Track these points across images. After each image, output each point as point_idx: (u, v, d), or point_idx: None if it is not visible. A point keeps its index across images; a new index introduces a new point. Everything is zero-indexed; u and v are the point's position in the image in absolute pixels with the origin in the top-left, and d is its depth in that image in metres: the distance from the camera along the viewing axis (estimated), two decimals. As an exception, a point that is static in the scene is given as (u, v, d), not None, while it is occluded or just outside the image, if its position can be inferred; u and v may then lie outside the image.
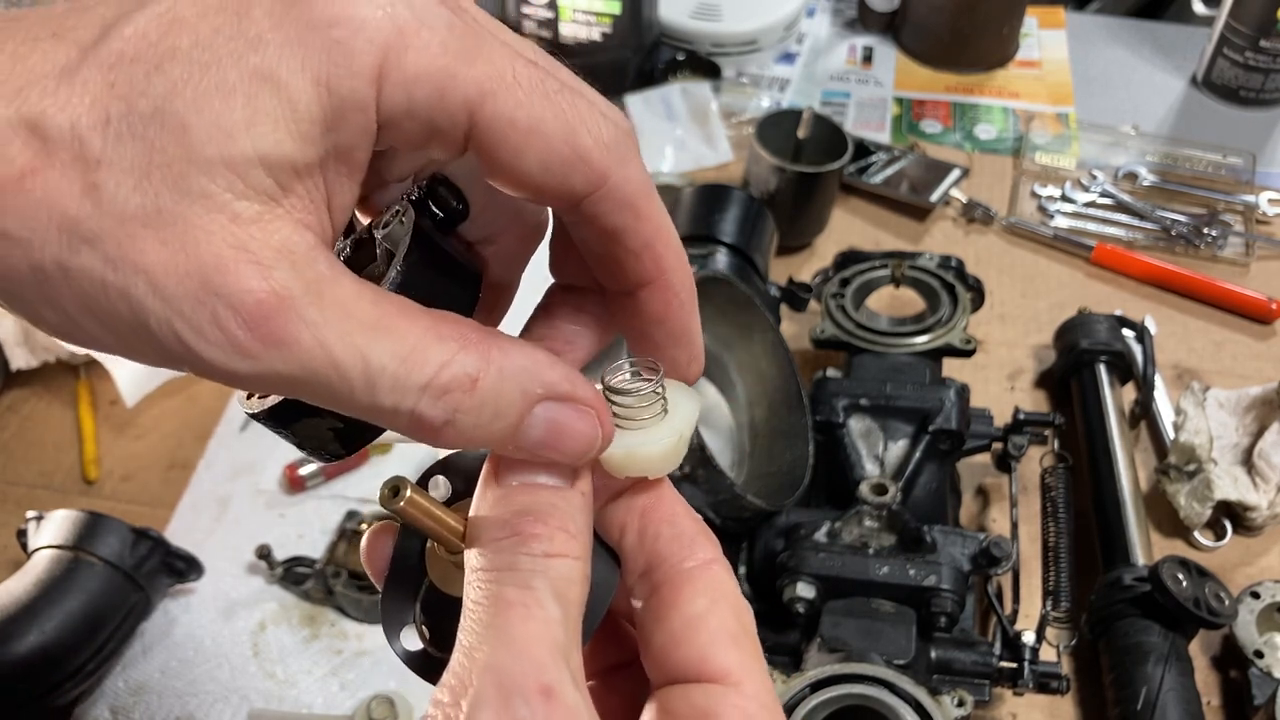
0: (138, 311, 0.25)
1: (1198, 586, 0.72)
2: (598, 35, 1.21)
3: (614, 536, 0.32)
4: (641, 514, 0.31)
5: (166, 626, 0.81)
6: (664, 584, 0.30)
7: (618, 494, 0.32)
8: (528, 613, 0.27)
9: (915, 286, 0.95)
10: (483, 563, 0.28)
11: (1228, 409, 0.90)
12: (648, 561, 0.31)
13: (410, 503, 0.29)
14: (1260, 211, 1.13)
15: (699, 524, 0.32)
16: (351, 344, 0.26)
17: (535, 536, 0.28)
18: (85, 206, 0.25)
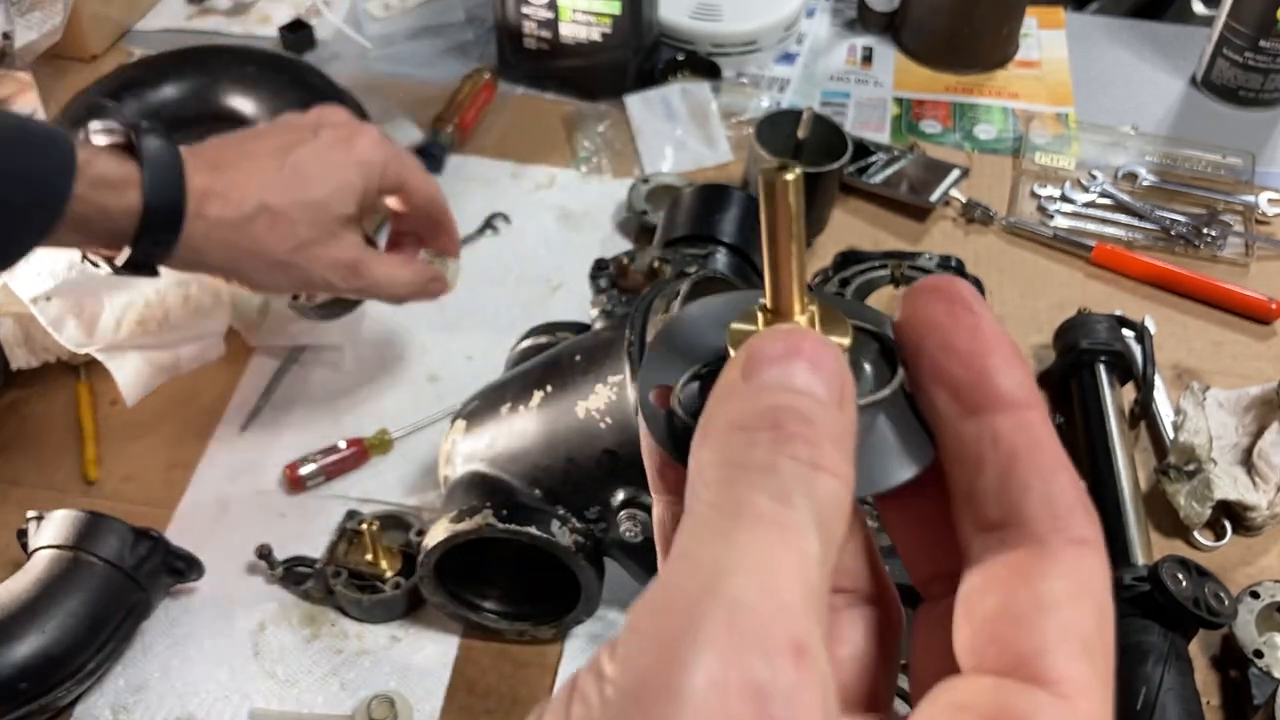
0: (314, 281, 0.75)
1: (1197, 586, 0.72)
2: (597, 35, 1.21)
3: (965, 469, 0.25)
4: (1010, 453, 0.24)
5: (167, 626, 0.81)
6: (1014, 549, 0.24)
7: (976, 408, 0.24)
8: (782, 536, 0.20)
9: (915, 286, 0.95)
10: (725, 452, 0.22)
11: (1227, 409, 0.91)
12: (1003, 514, 0.24)
13: (793, 188, 0.23)
14: (1260, 211, 1.13)
15: (1081, 492, 0.25)
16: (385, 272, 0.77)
17: (800, 437, 0.22)
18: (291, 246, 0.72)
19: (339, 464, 0.89)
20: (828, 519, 0.21)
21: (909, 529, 0.28)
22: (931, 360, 0.25)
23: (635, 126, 1.22)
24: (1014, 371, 0.25)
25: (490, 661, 0.80)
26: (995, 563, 0.24)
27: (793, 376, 0.23)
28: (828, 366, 0.23)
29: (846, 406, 0.23)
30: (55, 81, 1.26)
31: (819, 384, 0.23)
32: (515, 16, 1.23)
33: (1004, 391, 0.24)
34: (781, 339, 0.23)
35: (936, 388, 0.25)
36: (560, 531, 0.71)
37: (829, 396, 0.23)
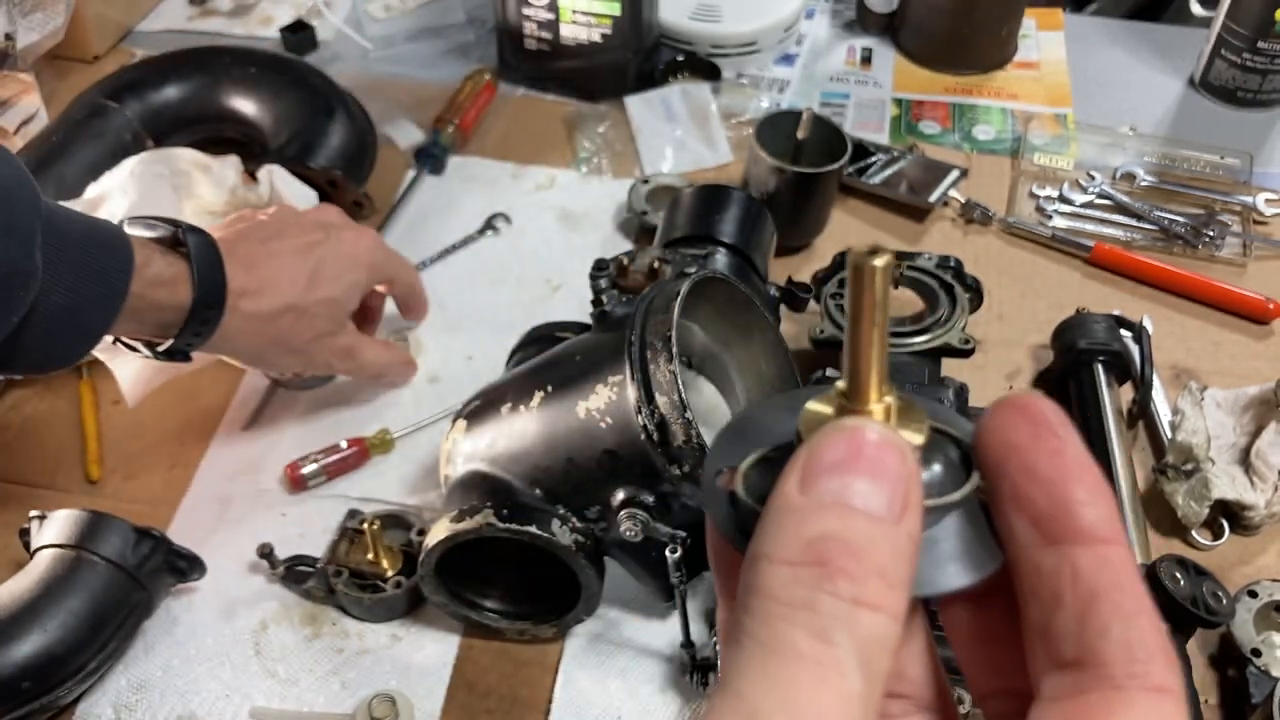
0: (319, 364, 0.84)
1: (1195, 585, 0.73)
2: (597, 36, 1.21)
3: (1041, 602, 0.24)
4: (1090, 592, 0.23)
5: (169, 625, 0.81)
6: (1089, 692, 0.23)
7: (1056, 539, 0.24)
8: (822, 675, 0.21)
9: (914, 287, 0.95)
10: (768, 586, 0.22)
11: (1225, 409, 0.91)
12: (1079, 654, 0.23)
13: (882, 274, 0.23)
14: (1258, 212, 1.13)
15: (1162, 637, 0.24)
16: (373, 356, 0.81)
17: (844, 573, 0.22)
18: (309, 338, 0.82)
19: (340, 463, 0.90)
20: (871, 656, 0.22)
21: (972, 643, 0.28)
22: (1012, 483, 0.24)
23: (635, 127, 1.22)
24: (1098, 504, 0.24)
25: (491, 661, 0.80)
26: (1068, 704, 0.23)
27: (850, 491, 0.23)
28: (890, 472, 0.23)
29: (907, 519, 0.23)
30: (57, 82, 1.26)
31: (878, 497, 0.23)
32: (516, 17, 1.23)
33: (1087, 525, 0.24)
34: (845, 439, 0.23)
35: (1016, 513, 0.24)
36: (560, 531, 0.71)
37: (888, 511, 0.23)
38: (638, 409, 0.68)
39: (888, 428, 0.24)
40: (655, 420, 0.67)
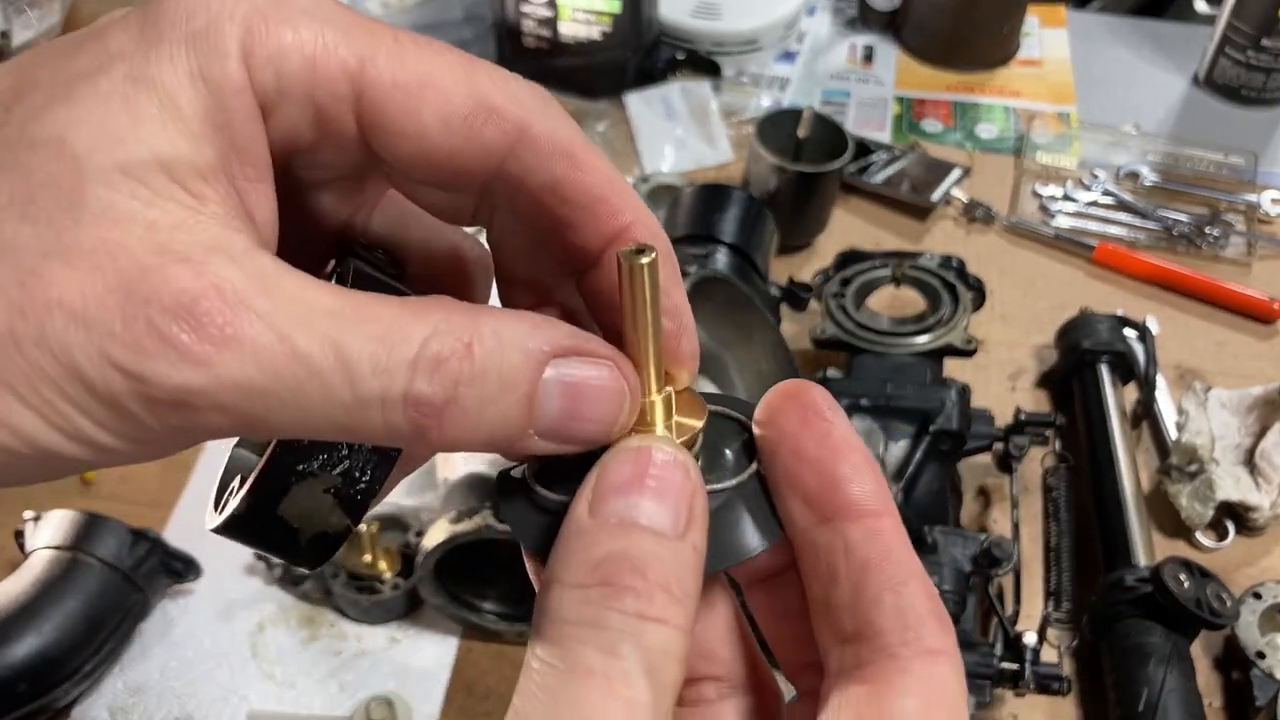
0: (61, 352, 0.20)
1: (1199, 587, 0.72)
2: (597, 34, 1.21)
3: (820, 578, 0.26)
4: (861, 564, 0.25)
5: (165, 627, 0.81)
6: (869, 664, 0.24)
7: (828, 516, 0.25)
8: (609, 689, 0.22)
9: (916, 286, 0.95)
10: (559, 610, 0.23)
11: (1230, 409, 0.90)
12: (857, 626, 0.25)
13: (650, 270, 0.24)
14: (1262, 211, 1.13)
15: (933, 600, 0.25)
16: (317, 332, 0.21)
17: (630, 590, 0.23)
18: None
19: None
20: (658, 665, 0.22)
21: (774, 621, 0.29)
22: (785, 466, 0.26)
23: (635, 125, 1.22)
24: (864, 479, 0.25)
25: (489, 663, 0.80)
26: (851, 678, 0.24)
27: (637, 510, 0.24)
28: (674, 488, 0.24)
29: (691, 533, 0.24)
30: (54, 80, 1.25)
31: (662, 514, 0.24)
32: (514, 15, 1.22)
33: (855, 499, 0.25)
34: (632, 459, 0.24)
35: (791, 494, 0.26)
36: (560, 532, 0.71)
37: (672, 526, 0.24)
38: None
39: (673, 445, 0.25)
40: (655, 421, 0.67)
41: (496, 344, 0.23)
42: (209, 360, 0.21)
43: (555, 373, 0.24)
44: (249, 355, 0.21)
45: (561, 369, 0.24)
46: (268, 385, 0.21)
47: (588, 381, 0.24)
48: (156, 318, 0.21)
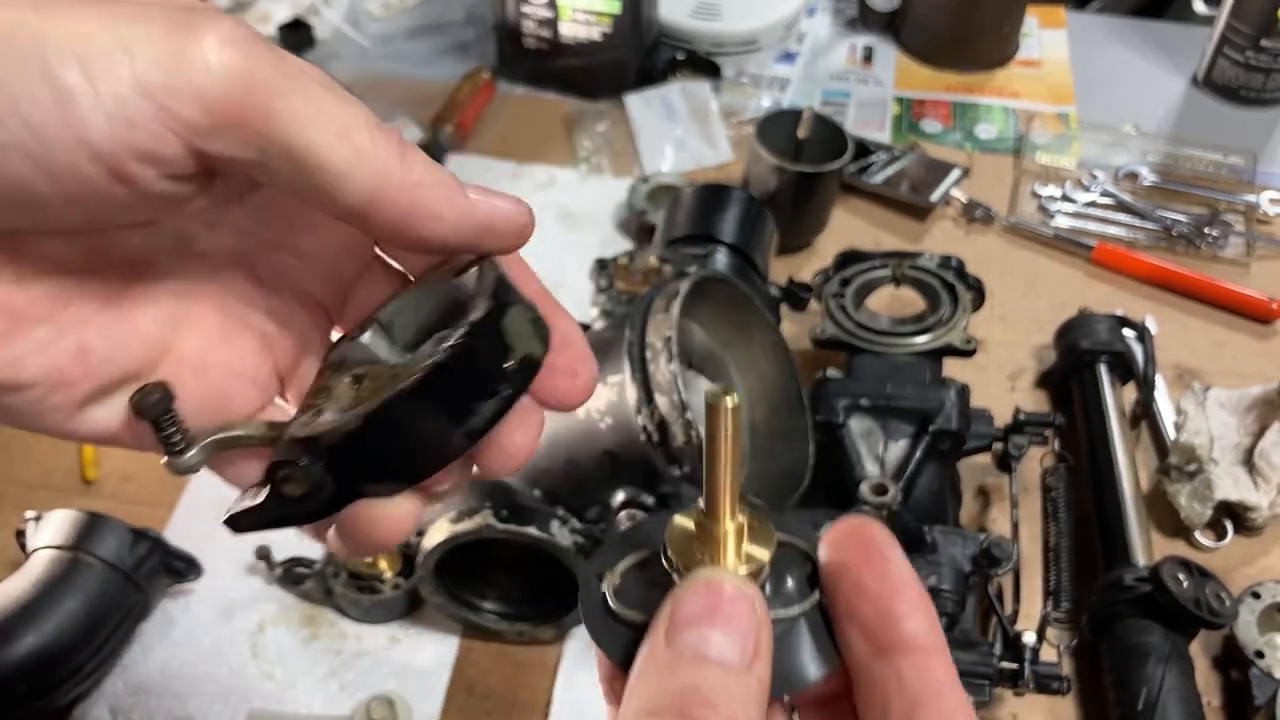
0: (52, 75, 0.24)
1: (1198, 587, 0.72)
2: (597, 35, 1.21)
3: (874, 707, 0.28)
4: (914, 700, 0.27)
5: (165, 627, 0.81)
6: None
7: (884, 649, 0.27)
8: None
9: (915, 286, 0.95)
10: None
11: (1229, 409, 0.90)
12: None
13: (735, 414, 0.26)
14: (1261, 211, 1.13)
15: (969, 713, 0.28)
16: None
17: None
18: None
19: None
20: None
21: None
22: (845, 598, 0.28)
23: (635, 126, 1.22)
24: (918, 616, 0.27)
25: (490, 662, 0.80)
26: None
27: (708, 643, 0.26)
28: (743, 623, 0.26)
29: (757, 665, 0.26)
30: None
31: (732, 648, 0.26)
32: (515, 16, 1.22)
33: (909, 635, 0.27)
34: (702, 594, 0.27)
35: (850, 625, 0.28)
36: (560, 531, 0.71)
37: (740, 660, 0.26)
38: (638, 409, 0.68)
39: (741, 580, 0.27)
40: (655, 421, 0.67)
41: None
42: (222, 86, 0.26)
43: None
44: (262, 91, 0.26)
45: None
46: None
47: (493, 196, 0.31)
48: (186, 39, 0.26)
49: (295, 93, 0.26)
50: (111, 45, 0.25)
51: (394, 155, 0.28)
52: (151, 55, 0.25)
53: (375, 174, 0.28)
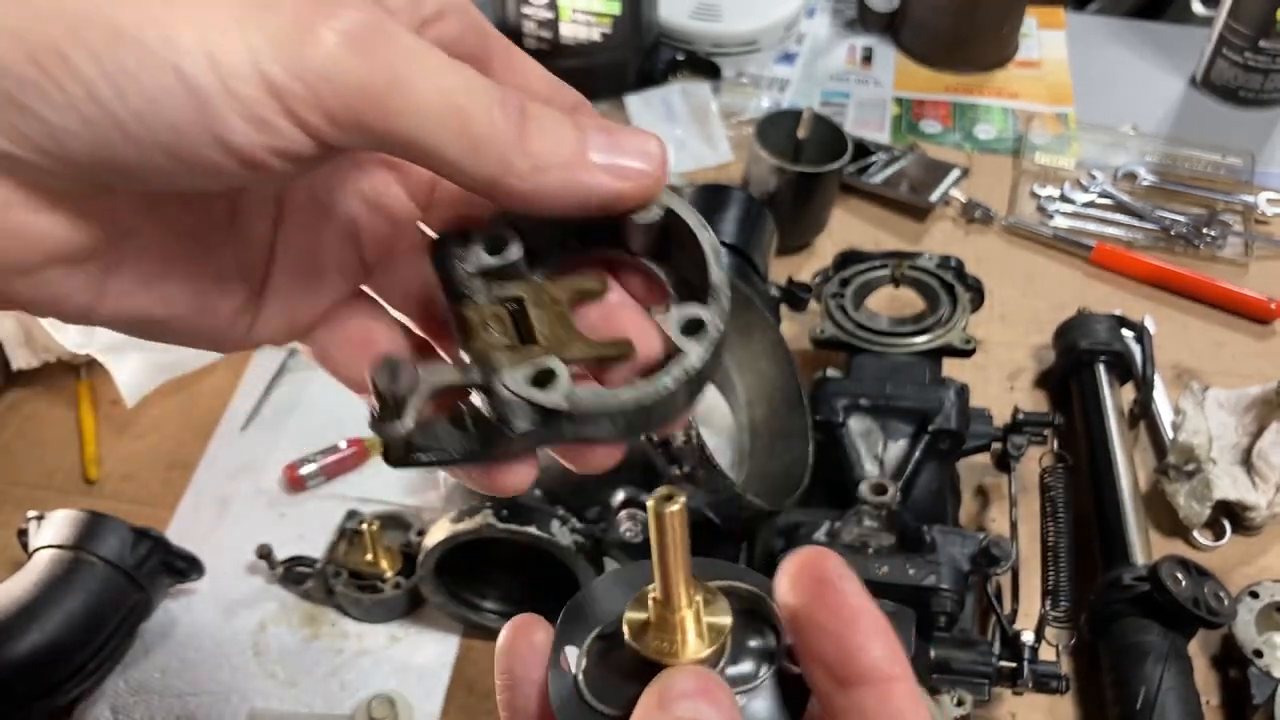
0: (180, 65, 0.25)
1: (1197, 586, 0.72)
2: (597, 35, 1.21)
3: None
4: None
5: (167, 626, 0.81)
6: None
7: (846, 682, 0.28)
8: None
9: (915, 286, 0.95)
10: None
11: (1227, 409, 0.91)
12: None
13: (676, 518, 0.27)
14: (1259, 211, 1.13)
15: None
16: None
17: None
18: None
19: (339, 464, 0.89)
20: None
21: None
22: (805, 640, 0.28)
23: (635, 126, 1.22)
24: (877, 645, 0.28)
25: (490, 662, 0.79)
26: None
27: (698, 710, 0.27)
28: (724, 705, 0.28)
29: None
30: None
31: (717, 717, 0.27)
32: (515, 16, 1.22)
33: (868, 666, 0.27)
34: (694, 678, 0.28)
35: (812, 663, 0.28)
36: (560, 531, 0.71)
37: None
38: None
39: (718, 677, 0.28)
40: (655, 421, 0.67)
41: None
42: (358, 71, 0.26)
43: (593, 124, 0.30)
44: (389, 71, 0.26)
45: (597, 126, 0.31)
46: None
47: (626, 133, 0.30)
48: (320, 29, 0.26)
49: (413, 85, 0.27)
50: (237, 40, 0.25)
51: (513, 139, 0.28)
52: (274, 54, 0.25)
53: (495, 165, 0.28)
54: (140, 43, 0.25)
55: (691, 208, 0.32)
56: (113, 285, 0.30)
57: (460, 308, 0.31)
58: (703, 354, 0.30)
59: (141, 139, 0.25)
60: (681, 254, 0.34)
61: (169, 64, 0.25)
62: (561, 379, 0.29)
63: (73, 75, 0.24)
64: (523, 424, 0.29)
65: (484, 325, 0.31)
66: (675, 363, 0.30)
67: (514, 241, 0.32)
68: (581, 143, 0.29)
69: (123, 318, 0.31)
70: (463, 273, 0.31)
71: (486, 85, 0.28)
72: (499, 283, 0.32)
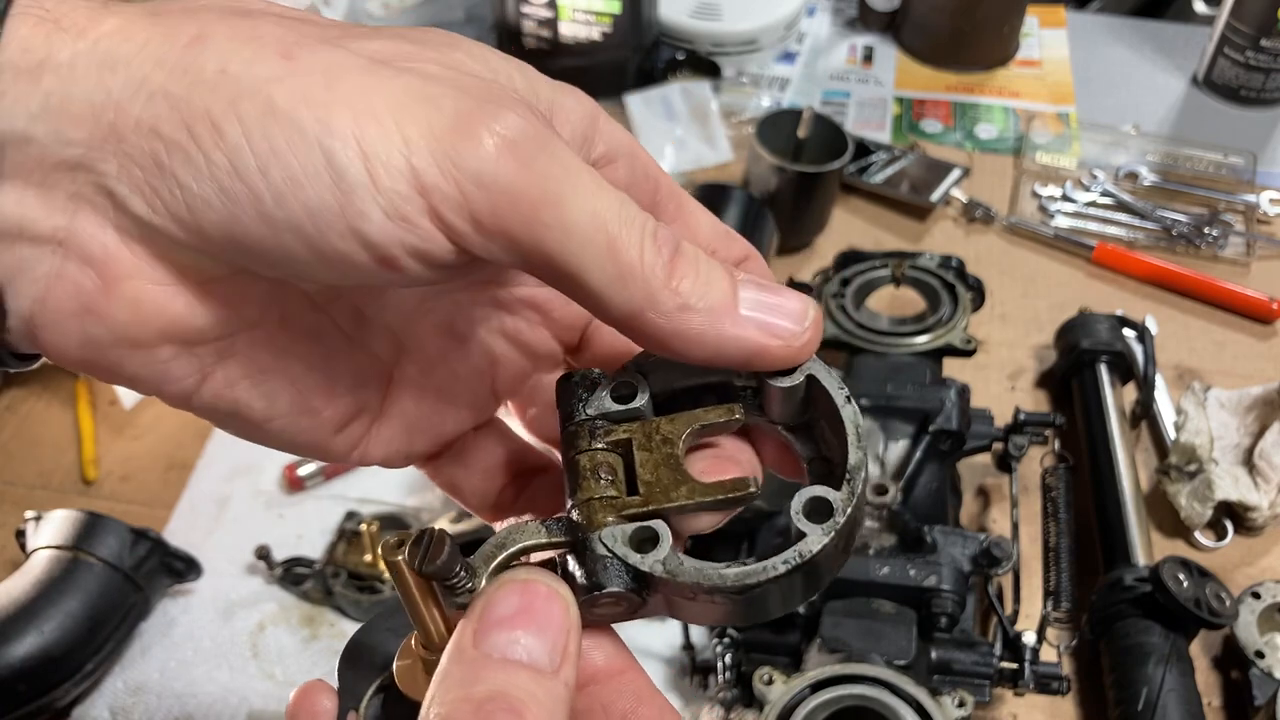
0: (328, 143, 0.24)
1: (1198, 587, 0.72)
2: (597, 35, 1.21)
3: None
4: (623, 717, 0.29)
5: (165, 627, 0.81)
6: None
7: (582, 684, 0.29)
8: None
9: (916, 286, 0.95)
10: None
11: (1229, 409, 0.90)
12: None
13: (404, 565, 0.27)
14: (1261, 211, 1.13)
15: None
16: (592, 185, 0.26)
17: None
18: None
19: (339, 464, 0.89)
20: None
21: None
22: None
23: (635, 126, 1.22)
24: (603, 646, 0.28)
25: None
26: None
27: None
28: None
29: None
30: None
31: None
32: (515, 15, 1.22)
33: (600, 667, 0.28)
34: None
35: None
36: (560, 532, 0.71)
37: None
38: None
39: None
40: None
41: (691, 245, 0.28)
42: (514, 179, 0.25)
43: (745, 279, 0.28)
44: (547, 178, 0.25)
45: (749, 281, 0.29)
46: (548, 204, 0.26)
47: (778, 291, 0.29)
48: (484, 135, 0.25)
49: (567, 201, 0.26)
50: (394, 132, 0.24)
51: (660, 275, 0.27)
52: (429, 150, 0.25)
53: (639, 297, 0.26)
54: (294, 121, 0.24)
55: (837, 378, 0.30)
56: (220, 373, 0.29)
57: (572, 453, 0.30)
58: (823, 540, 0.28)
59: (276, 220, 0.25)
60: (820, 428, 0.31)
61: (318, 145, 0.24)
62: (663, 544, 0.28)
63: (220, 144, 0.24)
64: (614, 585, 0.28)
65: (594, 474, 0.29)
66: (792, 547, 0.28)
67: (642, 391, 0.30)
68: (732, 291, 0.28)
69: (223, 407, 0.30)
70: (584, 414, 0.30)
71: (642, 216, 0.27)
72: (619, 425, 0.30)
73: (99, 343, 0.27)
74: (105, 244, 0.26)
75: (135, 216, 0.25)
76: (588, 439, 0.30)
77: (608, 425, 0.30)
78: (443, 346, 0.33)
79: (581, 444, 0.30)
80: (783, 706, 0.62)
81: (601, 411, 0.30)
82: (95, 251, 0.26)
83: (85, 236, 0.25)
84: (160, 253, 0.26)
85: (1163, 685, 0.70)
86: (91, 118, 0.24)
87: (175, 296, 0.27)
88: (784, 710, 0.62)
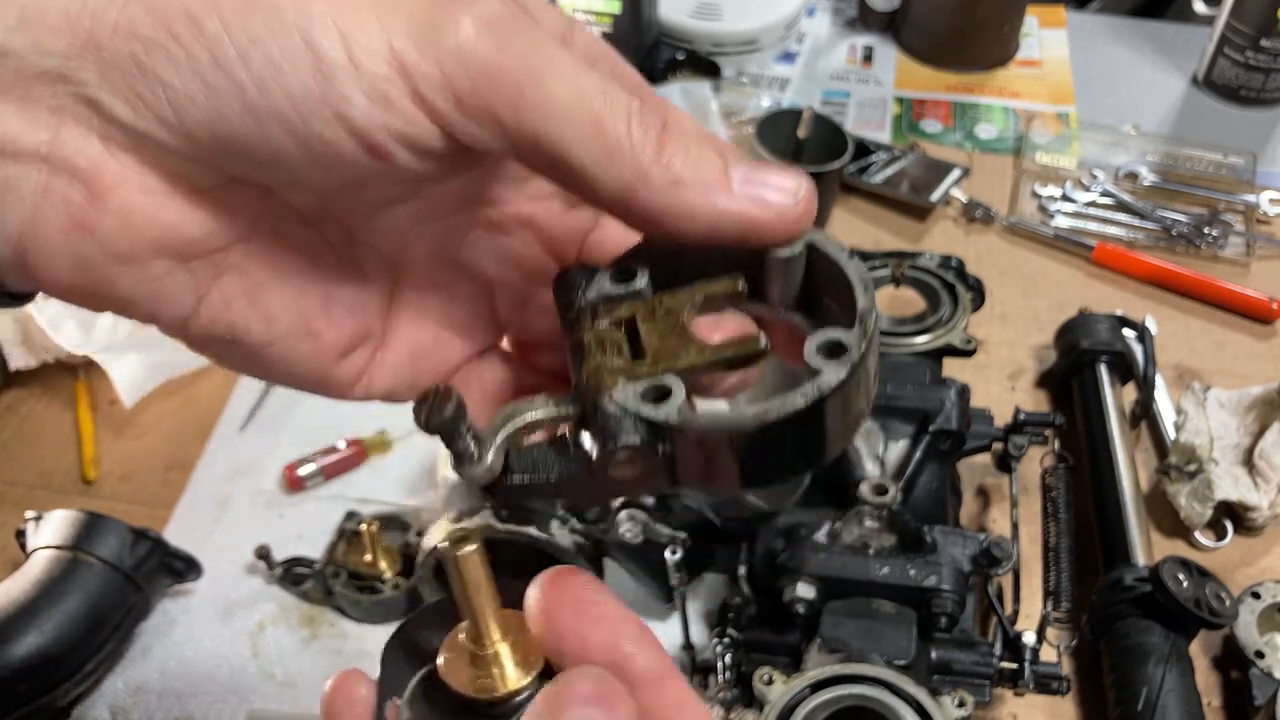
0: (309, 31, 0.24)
1: (1198, 587, 0.72)
2: (597, 34, 1.21)
3: None
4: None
5: (165, 627, 0.81)
6: None
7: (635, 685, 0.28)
8: None
9: (915, 286, 0.95)
10: None
11: (1229, 409, 0.90)
12: None
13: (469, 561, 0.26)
14: (1261, 211, 1.13)
15: None
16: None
17: None
18: None
19: (338, 464, 0.89)
20: None
21: None
22: (575, 660, 0.28)
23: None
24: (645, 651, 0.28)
25: (490, 662, 0.80)
26: None
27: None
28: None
29: None
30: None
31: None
32: (515, 15, 1.22)
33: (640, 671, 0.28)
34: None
35: None
36: (560, 532, 0.71)
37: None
38: None
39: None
40: (655, 421, 0.67)
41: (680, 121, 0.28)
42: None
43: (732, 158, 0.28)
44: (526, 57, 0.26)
45: (737, 160, 0.28)
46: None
47: (767, 169, 0.28)
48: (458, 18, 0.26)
49: (550, 80, 0.26)
50: (372, 18, 0.25)
51: (651, 150, 0.27)
52: (408, 32, 0.25)
53: (628, 174, 0.26)
54: (272, 8, 0.24)
55: (836, 242, 0.30)
56: (216, 292, 0.29)
57: (576, 335, 0.30)
58: (840, 374, 0.27)
59: (260, 110, 0.25)
60: (827, 300, 0.31)
61: (297, 30, 0.24)
62: (676, 396, 0.27)
63: (200, 38, 0.24)
64: (629, 438, 0.27)
65: (599, 348, 0.29)
66: (809, 382, 0.27)
67: (642, 273, 0.30)
68: (724, 166, 0.27)
69: (220, 332, 0.29)
70: (583, 302, 0.30)
71: (626, 96, 0.27)
72: (621, 305, 0.30)
73: (90, 261, 0.27)
74: (91, 155, 0.26)
75: (120, 123, 0.25)
76: (590, 319, 0.30)
77: (610, 305, 0.30)
78: (438, 271, 0.33)
79: (585, 325, 0.30)
80: (783, 706, 0.62)
81: (602, 294, 0.30)
82: (81, 164, 0.25)
83: (70, 150, 0.25)
84: (148, 161, 0.26)
85: (1163, 685, 0.70)
86: (68, 27, 0.24)
87: (165, 205, 0.27)
88: (784, 710, 0.62)
